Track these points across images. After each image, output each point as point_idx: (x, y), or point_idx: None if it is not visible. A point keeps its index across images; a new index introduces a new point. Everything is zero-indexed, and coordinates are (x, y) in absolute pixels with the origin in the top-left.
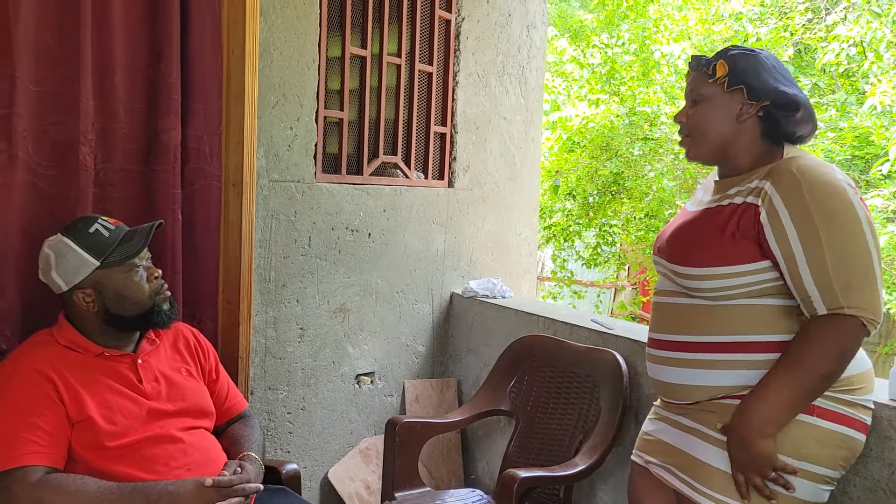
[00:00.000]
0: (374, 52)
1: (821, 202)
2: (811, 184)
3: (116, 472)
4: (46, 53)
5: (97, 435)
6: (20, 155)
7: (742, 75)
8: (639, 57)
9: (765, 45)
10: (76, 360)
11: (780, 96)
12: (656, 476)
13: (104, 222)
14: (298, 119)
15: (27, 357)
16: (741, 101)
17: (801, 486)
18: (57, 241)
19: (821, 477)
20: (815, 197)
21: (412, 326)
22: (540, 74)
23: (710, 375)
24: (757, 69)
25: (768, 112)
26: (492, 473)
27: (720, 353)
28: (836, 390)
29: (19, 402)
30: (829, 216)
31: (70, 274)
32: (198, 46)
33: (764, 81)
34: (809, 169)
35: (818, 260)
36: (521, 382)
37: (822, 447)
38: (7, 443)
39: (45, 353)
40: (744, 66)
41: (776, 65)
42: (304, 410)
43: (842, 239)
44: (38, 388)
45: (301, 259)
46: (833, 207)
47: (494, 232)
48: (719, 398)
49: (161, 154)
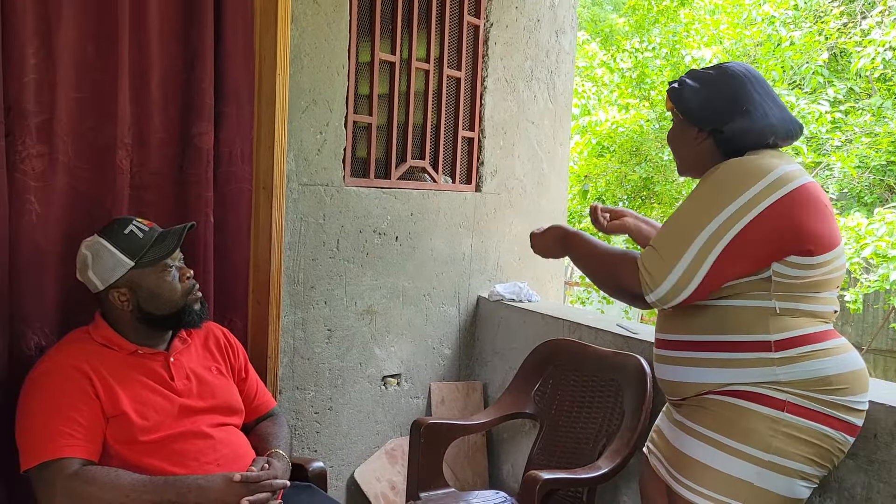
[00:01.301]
0: (404, 57)
1: (702, 186)
2: (713, 175)
3: (149, 465)
4: (86, 61)
5: (130, 429)
6: (60, 158)
7: (683, 109)
8: (669, 61)
9: (798, 49)
10: (111, 357)
11: (723, 128)
12: (653, 466)
13: (139, 224)
14: (328, 124)
15: (65, 353)
16: (694, 129)
17: (773, 479)
18: (94, 241)
19: (795, 472)
20: (703, 183)
21: (439, 329)
22: (569, 79)
23: (697, 372)
24: (696, 102)
25: (722, 137)
26: (516, 476)
27: (706, 351)
28: (811, 389)
29: (58, 397)
30: (697, 195)
31: (106, 273)
32: (230, 53)
33: (701, 115)
34: (725, 167)
35: (667, 220)
36: (546, 386)
37: (793, 441)
38: (46, 436)
39: (82, 350)
40: (685, 101)
41: (722, 90)
42: (332, 410)
43: (684, 214)
44: (75, 383)
45: (329, 261)
46: (705, 190)
47: (521, 236)
48: (705, 394)
49: (194, 158)
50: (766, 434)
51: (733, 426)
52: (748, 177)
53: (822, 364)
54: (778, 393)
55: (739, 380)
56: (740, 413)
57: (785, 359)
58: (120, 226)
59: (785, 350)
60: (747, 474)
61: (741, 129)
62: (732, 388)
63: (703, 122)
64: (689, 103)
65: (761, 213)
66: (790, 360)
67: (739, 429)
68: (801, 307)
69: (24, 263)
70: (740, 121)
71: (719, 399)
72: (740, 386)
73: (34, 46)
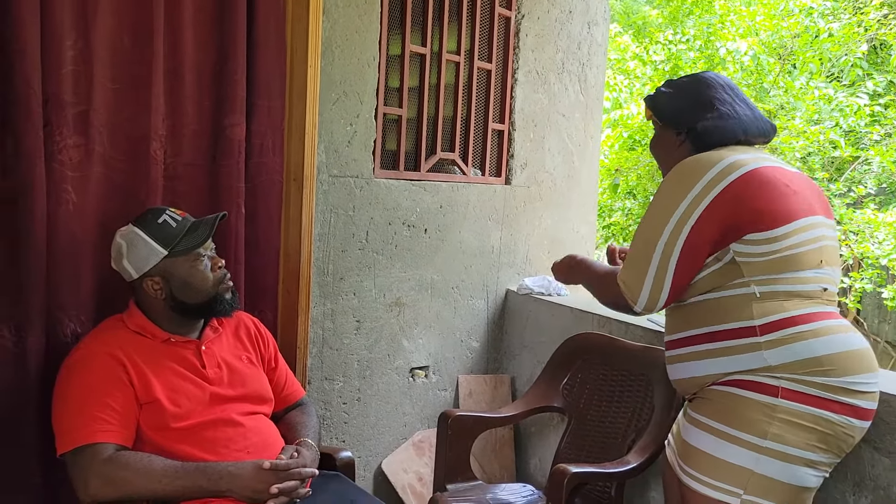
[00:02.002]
0: (434, 49)
1: (658, 189)
2: (665, 178)
3: (180, 451)
4: (122, 53)
5: (163, 416)
6: (96, 149)
7: (661, 114)
8: (703, 54)
9: (837, 41)
10: (144, 345)
11: (697, 125)
12: (669, 459)
13: (172, 213)
14: (358, 116)
15: (100, 341)
16: (674, 134)
17: (772, 465)
18: (128, 230)
19: (794, 458)
20: (660, 186)
21: (467, 322)
22: (600, 72)
23: (697, 366)
24: (675, 106)
25: (696, 134)
26: (544, 470)
27: (700, 344)
28: (805, 373)
29: (93, 383)
30: (652, 200)
31: (140, 262)
32: (262, 45)
33: (677, 116)
34: (674, 169)
35: (636, 230)
36: (575, 380)
37: (789, 427)
38: (82, 421)
39: (117, 337)
40: (661, 106)
41: (693, 93)
42: (360, 402)
43: (643, 222)
44: (110, 370)
45: (358, 253)
46: (657, 194)
47: (551, 229)
48: (708, 386)
49: (226, 149)
50: (761, 421)
51: (731, 414)
52: (696, 171)
53: (810, 345)
54: (771, 379)
55: (734, 368)
56: (736, 401)
57: (771, 342)
58: (154, 215)
59: (770, 333)
60: (746, 461)
61: (713, 125)
62: (729, 378)
63: (679, 124)
64: (665, 107)
65: (711, 202)
66: (776, 342)
67: (736, 416)
68: (780, 289)
69: (60, 252)
70: (711, 118)
71: (719, 389)
72: (737, 375)
73: (72, 38)
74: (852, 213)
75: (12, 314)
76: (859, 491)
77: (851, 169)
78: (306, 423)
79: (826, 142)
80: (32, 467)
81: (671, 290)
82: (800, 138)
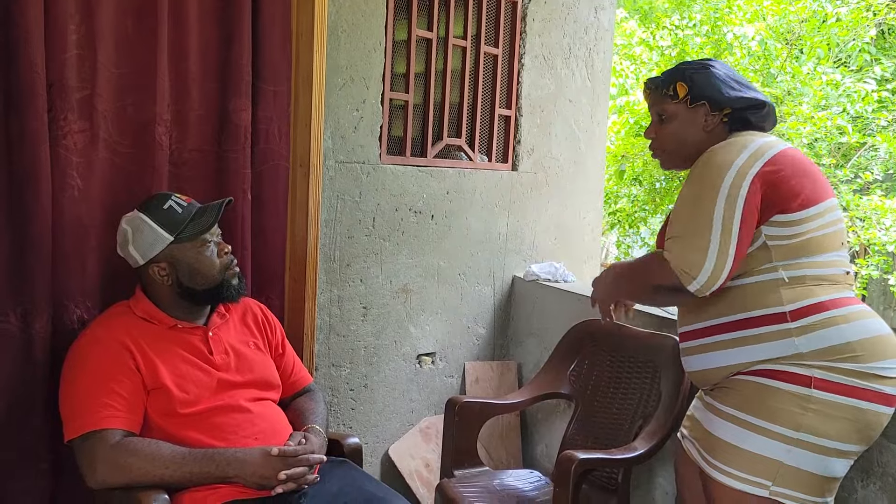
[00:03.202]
0: (441, 34)
1: (693, 172)
2: (699, 161)
3: (188, 437)
4: (126, 37)
5: (170, 402)
6: (101, 134)
7: (702, 91)
8: (710, 39)
9: (845, 26)
10: (151, 331)
11: (742, 102)
12: (686, 449)
13: (177, 199)
14: (364, 101)
15: (107, 327)
16: (705, 113)
17: (803, 457)
18: (134, 216)
19: (828, 449)
20: (694, 170)
21: (473, 309)
22: (607, 57)
23: (721, 356)
24: (714, 83)
25: (733, 115)
26: (550, 456)
27: (725, 333)
28: (836, 360)
29: (101, 370)
30: (690, 181)
31: (146, 248)
32: (268, 29)
33: (723, 93)
34: (709, 151)
35: (673, 212)
36: (582, 366)
37: (823, 418)
38: (90, 407)
39: (124, 323)
40: (701, 82)
41: (728, 72)
42: (367, 388)
43: (688, 200)
44: (117, 356)
45: (365, 239)
46: (696, 174)
47: (558, 216)
48: (733, 376)
49: (232, 135)
50: (794, 412)
51: (760, 405)
52: (732, 151)
53: (841, 331)
54: (802, 369)
55: (762, 357)
56: (766, 392)
57: (802, 328)
58: (159, 201)
59: (801, 319)
60: (776, 453)
61: (758, 102)
62: (757, 368)
63: (723, 102)
64: (706, 84)
65: (752, 181)
66: (808, 328)
67: (766, 408)
68: (808, 273)
69: (66, 238)
70: (755, 95)
71: (745, 379)
72: (764, 364)
73: (76, 22)
74: (859, 199)
75: (18, 300)
76: (867, 478)
77: (858, 155)
78: (314, 410)
79: (833, 127)
80: (40, 453)
81: (734, 261)
82: (807, 124)
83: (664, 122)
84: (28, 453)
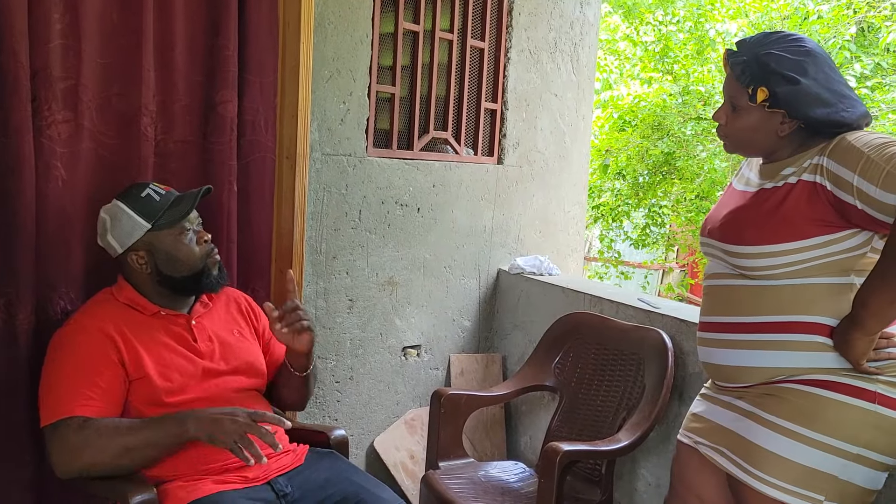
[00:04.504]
0: (427, 27)
1: (866, 140)
2: (859, 136)
3: None
4: (111, 27)
5: (154, 391)
6: (85, 124)
7: (783, 104)
8: (693, 35)
9: (826, 23)
10: (135, 319)
11: (824, 123)
12: (706, 457)
13: (155, 188)
14: (351, 94)
15: (91, 314)
16: (781, 119)
17: (858, 472)
18: (112, 206)
19: (880, 464)
20: (861, 139)
21: (459, 301)
22: (592, 51)
23: (764, 356)
24: (799, 99)
25: (816, 124)
26: (534, 448)
27: (772, 333)
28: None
29: (82, 358)
30: (874, 144)
31: (124, 237)
32: (254, 20)
33: (805, 112)
34: (862, 132)
35: (879, 174)
36: (567, 359)
37: (883, 434)
38: (66, 394)
39: (108, 311)
40: (785, 96)
41: (823, 80)
42: (352, 380)
43: (891, 147)
44: (100, 346)
45: (351, 232)
46: (877, 139)
47: (543, 209)
48: (778, 381)
49: (218, 126)
50: (855, 426)
51: (817, 418)
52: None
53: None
54: (867, 383)
55: (817, 365)
56: (826, 404)
57: None
58: (137, 190)
59: None
60: (832, 467)
61: (837, 122)
62: (811, 378)
63: (800, 116)
64: (790, 99)
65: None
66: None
67: (826, 421)
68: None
69: (49, 229)
70: (841, 112)
71: (797, 388)
72: (820, 374)
73: (60, 11)
74: None
75: (2, 291)
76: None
77: None
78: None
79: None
80: (24, 444)
81: None
82: None
83: (736, 112)
84: (11, 444)
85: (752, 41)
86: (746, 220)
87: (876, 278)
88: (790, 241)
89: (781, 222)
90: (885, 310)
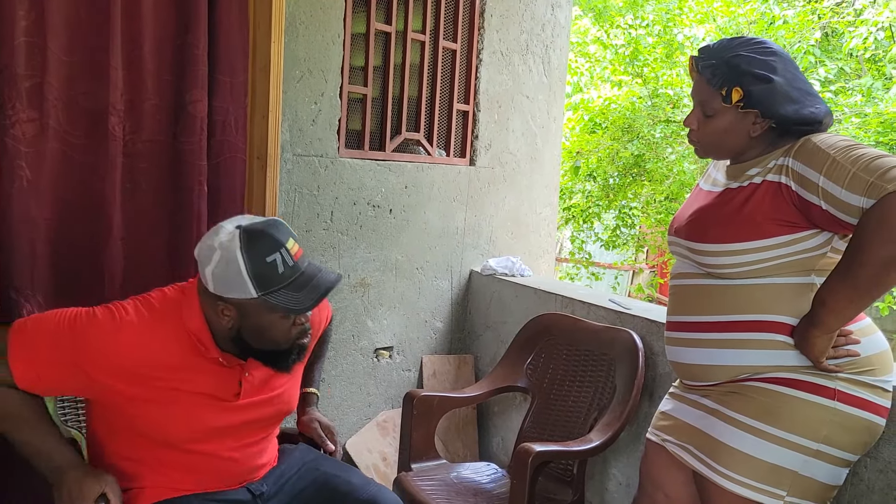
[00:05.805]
0: (399, 28)
1: (831, 143)
2: (824, 138)
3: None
4: (77, 24)
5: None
6: (51, 124)
7: (758, 103)
8: (662, 39)
9: (791, 28)
10: (185, 361)
11: (799, 119)
12: (673, 454)
13: (286, 254)
14: (323, 94)
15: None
16: (754, 119)
17: (819, 467)
18: (231, 245)
19: (840, 460)
20: (826, 142)
21: (431, 303)
22: (563, 54)
23: (728, 355)
24: (772, 97)
25: (786, 124)
26: (506, 449)
27: (736, 332)
28: (856, 372)
29: (71, 349)
30: (839, 147)
31: (224, 287)
32: (225, 19)
33: (782, 110)
34: (826, 135)
35: (845, 176)
36: (538, 360)
37: (845, 432)
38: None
39: (158, 336)
40: (758, 95)
41: (791, 79)
42: (324, 382)
43: (855, 150)
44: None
45: (323, 233)
46: (841, 141)
47: (514, 211)
48: (742, 379)
49: (188, 126)
50: (815, 423)
51: (779, 415)
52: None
53: (863, 344)
54: (827, 380)
55: (779, 363)
56: (787, 401)
57: None
58: (267, 248)
59: None
60: (793, 463)
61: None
62: (774, 376)
63: (774, 116)
64: (763, 98)
65: None
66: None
67: (787, 419)
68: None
69: (14, 230)
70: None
71: (760, 386)
72: (783, 372)
73: (25, 8)
74: None
75: None
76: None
77: None
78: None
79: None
80: None
81: None
82: None
83: (708, 117)
84: None
85: (718, 46)
86: (711, 219)
87: (836, 277)
88: (752, 239)
89: (744, 221)
90: (844, 308)
